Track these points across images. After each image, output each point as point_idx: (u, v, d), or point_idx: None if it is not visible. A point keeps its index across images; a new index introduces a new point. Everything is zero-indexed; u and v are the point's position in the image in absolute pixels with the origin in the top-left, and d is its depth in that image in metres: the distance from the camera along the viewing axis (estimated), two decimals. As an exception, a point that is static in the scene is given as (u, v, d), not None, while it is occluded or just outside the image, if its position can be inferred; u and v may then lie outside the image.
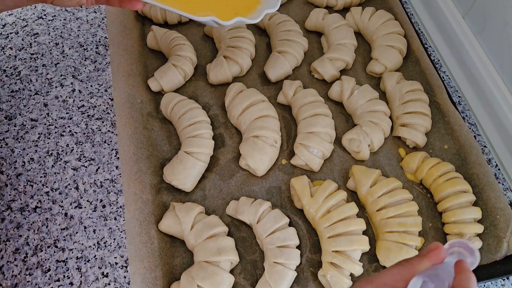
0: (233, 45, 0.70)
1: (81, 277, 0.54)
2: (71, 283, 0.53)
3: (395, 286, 0.33)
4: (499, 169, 0.67)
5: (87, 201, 0.59)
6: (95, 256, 0.55)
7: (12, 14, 0.78)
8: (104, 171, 0.62)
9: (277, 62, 0.69)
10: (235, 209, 0.56)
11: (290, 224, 0.57)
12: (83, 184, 0.61)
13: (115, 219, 0.58)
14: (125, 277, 0.54)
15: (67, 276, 0.54)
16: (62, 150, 0.63)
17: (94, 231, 0.57)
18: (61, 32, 0.76)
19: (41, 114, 0.66)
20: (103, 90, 0.70)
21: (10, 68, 0.71)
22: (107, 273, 0.54)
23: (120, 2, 0.49)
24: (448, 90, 0.69)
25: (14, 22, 0.77)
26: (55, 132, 0.65)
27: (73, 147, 0.64)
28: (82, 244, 0.56)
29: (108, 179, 0.61)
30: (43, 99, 0.68)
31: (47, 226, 0.57)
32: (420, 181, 0.62)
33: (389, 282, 0.34)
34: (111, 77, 0.70)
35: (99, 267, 0.55)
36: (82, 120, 0.66)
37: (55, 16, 0.78)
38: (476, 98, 0.71)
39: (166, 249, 0.54)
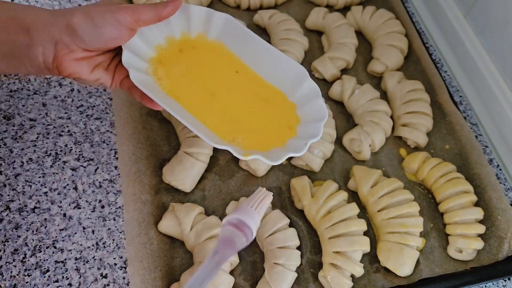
0: (233, 44, 0.69)
1: (80, 278, 0.53)
2: (70, 284, 0.53)
3: None
4: (500, 170, 0.67)
5: (86, 201, 0.59)
6: (94, 257, 0.55)
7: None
8: (103, 171, 0.62)
9: (277, 62, 0.69)
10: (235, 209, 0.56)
11: (291, 225, 0.56)
12: (82, 184, 0.60)
13: (114, 219, 0.58)
14: (124, 278, 0.54)
15: (66, 277, 0.53)
16: (61, 150, 0.63)
17: (93, 231, 0.57)
18: (60, 31, 0.76)
19: (40, 114, 0.66)
20: (101, 90, 0.69)
21: (9, 67, 0.71)
22: (106, 274, 0.54)
23: (141, 97, 0.48)
24: (449, 90, 0.68)
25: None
26: (54, 132, 0.65)
27: (71, 147, 0.63)
28: (81, 245, 0.56)
29: (107, 179, 0.61)
30: (42, 98, 0.68)
31: (45, 227, 0.57)
32: (421, 181, 0.61)
33: None
34: (110, 76, 0.70)
35: (98, 268, 0.54)
36: (81, 120, 0.66)
37: (54, 15, 0.78)
38: (478, 98, 0.71)
39: (166, 250, 0.54)
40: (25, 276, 0.53)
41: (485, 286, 0.57)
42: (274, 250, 0.52)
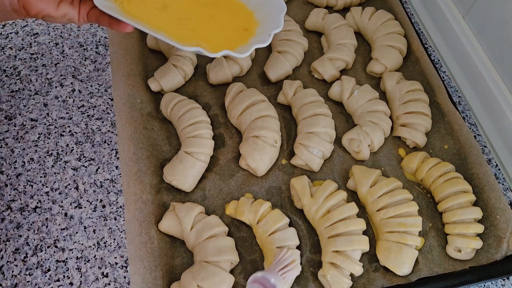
0: (233, 45, 0.70)
1: (81, 277, 0.54)
2: (71, 283, 0.53)
3: None
4: (499, 169, 0.67)
5: (87, 201, 0.59)
6: (95, 256, 0.55)
7: (12, 14, 0.77)
8: (104, 171, 0.62)
9: (277, 62, 0.69)
10: (235, 209, 0.56)
11: (290, 224, 0.57)
12: (83, 184, 0.61)
13: (115, 219, 0.58)
14: (125, 277, 0.54)
15: (67, 276, 0.54)
16: (62, 150, 0.63)
17: (94, 231, 0.57)
18: (61, 32, 0.76)
19: (41, 114, 0.67)
20: (103, 90, 0.70)
21: (10, 68, 0.71)
22: (107, 273, 0.54)
23: (110, 23, 0.49)
24: (448, 90, 0.69)
25: (14, 22, 0.77)
26: (55, 132, 0.65)
27: (73, 147, 0.64)
28: (82, 244, 0.56)
29: (108, 179, 0.61)
30: (43, 99, 0.68)
31: (47, 226, 0.57)
32: (420, 181, 0.62)
33: None
34: (111, 77, 0.70)
35: (99, 267, 0.55)
36: (82, 120, 0.67)
37: (55, 16, 0.78)
38: (476, 98, 0.71)
39: (166, 249, 0.54)
40: (26, 275, 0.54)
41: (484, 285, 0.57)
42: (274, 249, 0.52)
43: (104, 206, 0.59)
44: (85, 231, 0.57)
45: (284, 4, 0.57)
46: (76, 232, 0.57)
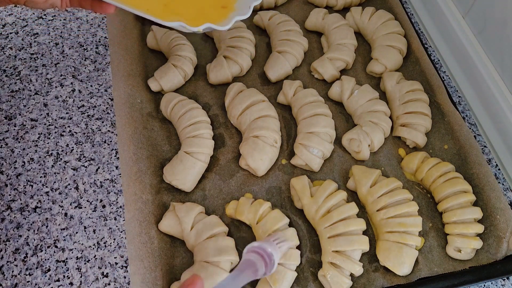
0: (233, 45, 0.70)
1: (81, 277, 0.54)
2: (71, 283, 0.53)
3: None
4: (499, 169, 0.67)
5: (87, 201, 0.59)
6: (95, 256, 0.55)
7: (12, 14, 0.78)
8: (104, 171, 0.62)
9: (277, 62, 0.69)
10: (235, 209, 0.56)
11: (290, 224, 0.57)
12: (83, 184, 0.61)
13: (115, 219, 0.58)
14: (125, 277, 0.54)
15: (67, 276, 0.54)
16: (62, 150, 0.63)
17: (94, 231, 0.57)
18: (61, 32, 0.76)
19: (41, 114, 0.67)
20: (103, 90, 0.70)
21: (10, 68, 0.71)
22: (107, 273, 0.54)
23: (92, 5, 0.49)
24: (448, 90, 0.69)
25: (14, 22, 0.77)
26: (55, 132, 0.65)
27: (73, 147, 0.64)
28: (82, 244, 0.56)
29: (108, 179, 0.61)
30: (43, 99, 0.68)
31: (47, 226, 0.57)
32: (420, 181, 0.62)
33: None
34: (111, 77, 0.70)
35: (99, 267, 0.55)
36: (82, 120, 0.67)
37: (55, 16, 0.78)
38: (476, 98, 0.71)
39: (166, 249, 0.54)
40: (26, 275, 0.54)
41: (484, 285, 0.57)
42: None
43: (104, 206, 0.59)
44: (85, 231, 0.57)
45: None
46: (76, 232, 0.57)
